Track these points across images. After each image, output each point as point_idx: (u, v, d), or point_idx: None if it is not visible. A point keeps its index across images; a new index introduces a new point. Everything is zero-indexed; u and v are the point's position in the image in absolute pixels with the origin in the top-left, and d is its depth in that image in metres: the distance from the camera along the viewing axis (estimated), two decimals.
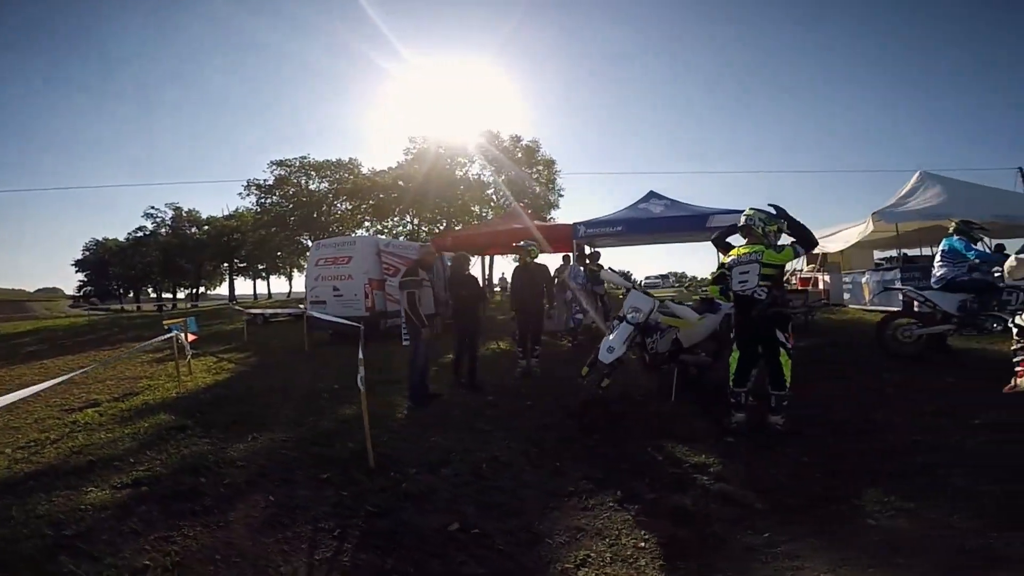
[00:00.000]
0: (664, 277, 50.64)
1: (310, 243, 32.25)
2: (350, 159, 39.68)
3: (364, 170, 38.93)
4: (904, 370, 6.10)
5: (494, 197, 36.00)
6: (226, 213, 46.75)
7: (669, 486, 3.40)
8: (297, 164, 39.08)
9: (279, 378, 7.64)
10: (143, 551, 2.78)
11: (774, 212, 4.39)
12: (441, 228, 33.70)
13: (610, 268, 9.78)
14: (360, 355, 4.11)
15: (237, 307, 20.61)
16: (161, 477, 3.85)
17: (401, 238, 33.46)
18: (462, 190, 34.97)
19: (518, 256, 7.46)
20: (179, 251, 46.66)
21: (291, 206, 38.29)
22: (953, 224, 6.58)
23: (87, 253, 54.73)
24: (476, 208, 35.54)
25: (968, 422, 4.18)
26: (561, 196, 37.63)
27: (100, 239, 54.44)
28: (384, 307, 10.86)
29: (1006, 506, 2.82)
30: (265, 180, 38.82)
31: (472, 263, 7.30)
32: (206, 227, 48.46)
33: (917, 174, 12.11)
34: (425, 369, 5.84)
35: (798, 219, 4.36)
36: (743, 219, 4.43)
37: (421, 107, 75.89)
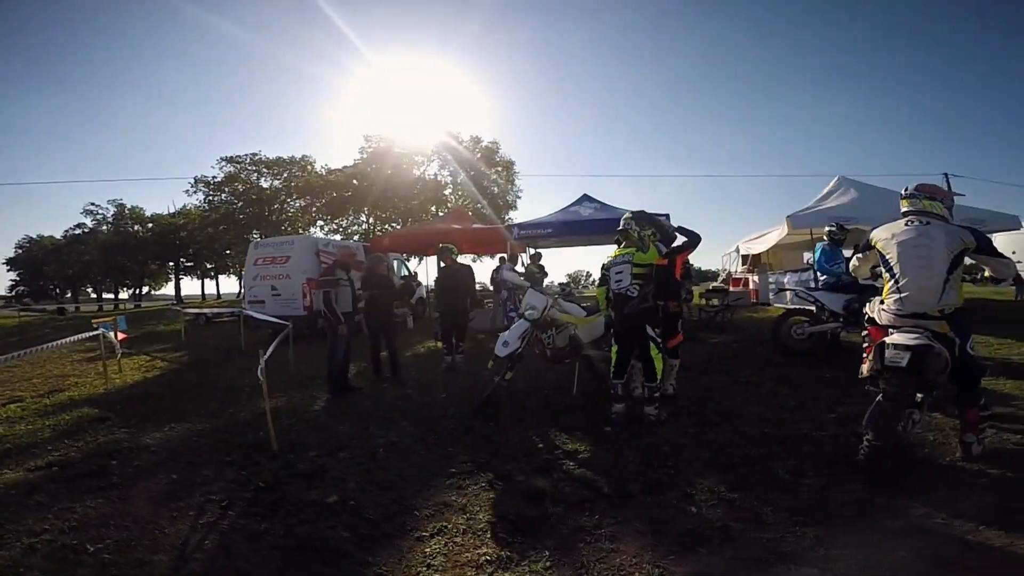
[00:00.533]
0: None
1: None
2: (303, 156, 39.22)
3: (318, 168, 38.54)
4: (791, 365, 6.51)
5: (452, 197, 36.23)
6: (172, 211, 45.35)
7: (538, 470, 3.68)
8: (248, 160, 38.36)
9: (208, 375, 7.82)
10: (44, 519, 3.11)
11: (644, 216, 4.93)
12: (397, 227, 33.69)
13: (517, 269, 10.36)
14: (268, 349, 4.43)
15: (177, 307, 20.25)
16: (74, 461, 4.12)
17: (355, 237, 33.31)
18: (419, 190, 35.06)
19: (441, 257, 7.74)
20: (121, 249, 44.86)
21: (241, 203, 37.56)
22: (827, 229, 7.25)
23: (19, 251, 52.07)
24: (433, 208, 35.65)
25: (824, 415, 4.49)
26: (519, 197, 38.07)
27: (34, 236, 51.95)
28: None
29: (818, 499, 3.02)
30: (214, 177, 38.04)
31: (386, 263, 7.57)
32: (150, 224, 46.83)
33: (835, 179, 12.55)
34: (345, 363, 6.18)
35: (660, 220, 4.98)
36: (621, 223, 4.94)
37: (379, 105, 74.67)
